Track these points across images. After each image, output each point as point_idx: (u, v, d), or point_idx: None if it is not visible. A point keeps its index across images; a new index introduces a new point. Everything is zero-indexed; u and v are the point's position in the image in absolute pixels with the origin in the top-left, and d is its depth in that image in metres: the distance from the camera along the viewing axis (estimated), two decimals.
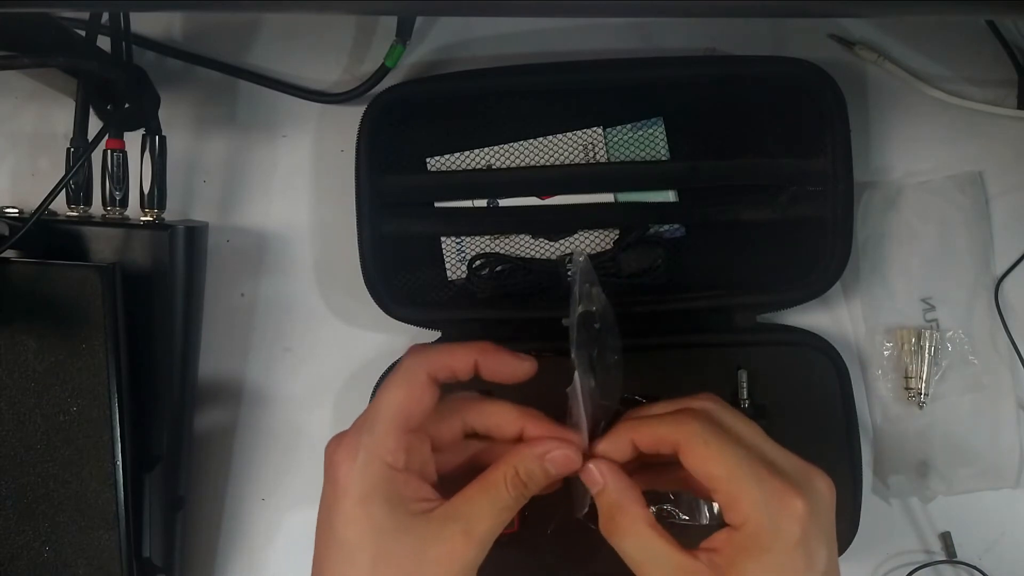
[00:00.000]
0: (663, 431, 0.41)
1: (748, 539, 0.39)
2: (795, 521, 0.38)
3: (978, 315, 0.60)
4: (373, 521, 0.39)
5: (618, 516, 0.41)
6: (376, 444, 0.40)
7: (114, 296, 0.52)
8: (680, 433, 0.41)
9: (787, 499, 0.39)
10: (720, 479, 0.39)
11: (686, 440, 0.40)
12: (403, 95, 0.58)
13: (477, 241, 0.59)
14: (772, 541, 0.38)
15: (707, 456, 0.40)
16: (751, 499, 0.39)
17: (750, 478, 0.39)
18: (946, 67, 0.61)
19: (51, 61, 0.50)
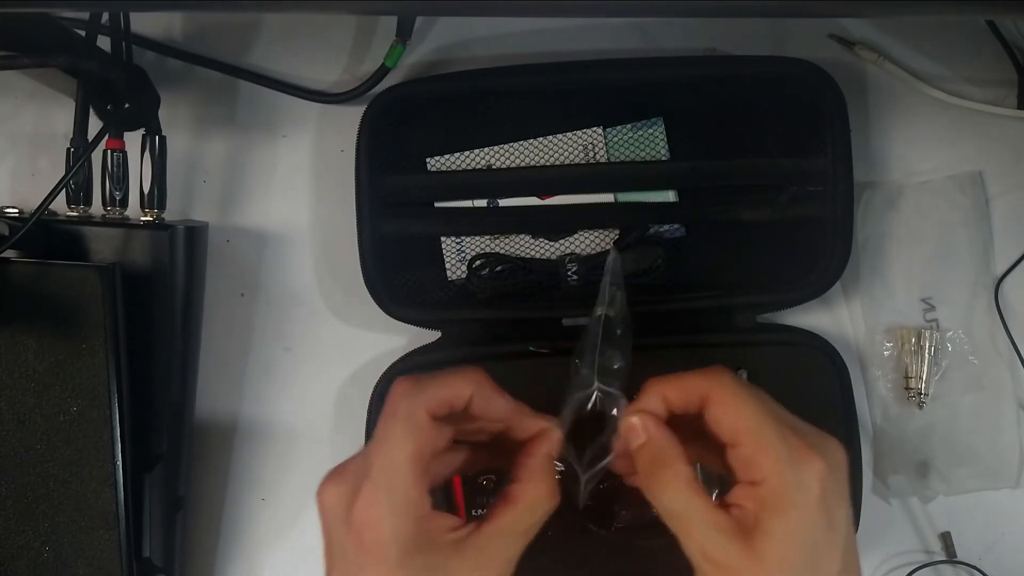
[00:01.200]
0: (694, 382, 0.42)
1: (772, 495, 0.39)
2: (816, 479, 0.39)
3: (978, 315, 0.60)
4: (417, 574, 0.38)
5: (660, 471, 0.41)
6: (404, 501, 0.38)
7: (114, 296, 0.52)
8: (711, 383, 0.41)
9: (809, 457, 0.39)
10: (746, 432, 0.40)
11: (717, 390, 0.41)
12: (403, 95, 0.58)
13: (477, 241, 0.59)
14: (796, 497, 0.38)
15: (736, 407, 0.40)
16: (775, 455, 0.39)
17: (775, 434, 0.39)
18: (946, 67, 0.61)
19: (51, 61, 0.50)
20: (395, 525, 0.38)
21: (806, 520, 0.39)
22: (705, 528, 0.39)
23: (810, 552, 0.39)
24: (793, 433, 0.40)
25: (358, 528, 0.38)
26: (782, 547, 0.38)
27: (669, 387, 0.43)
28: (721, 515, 0.40)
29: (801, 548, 0.38)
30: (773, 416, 0.40)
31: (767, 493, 0.39)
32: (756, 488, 0.39)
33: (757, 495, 0.39)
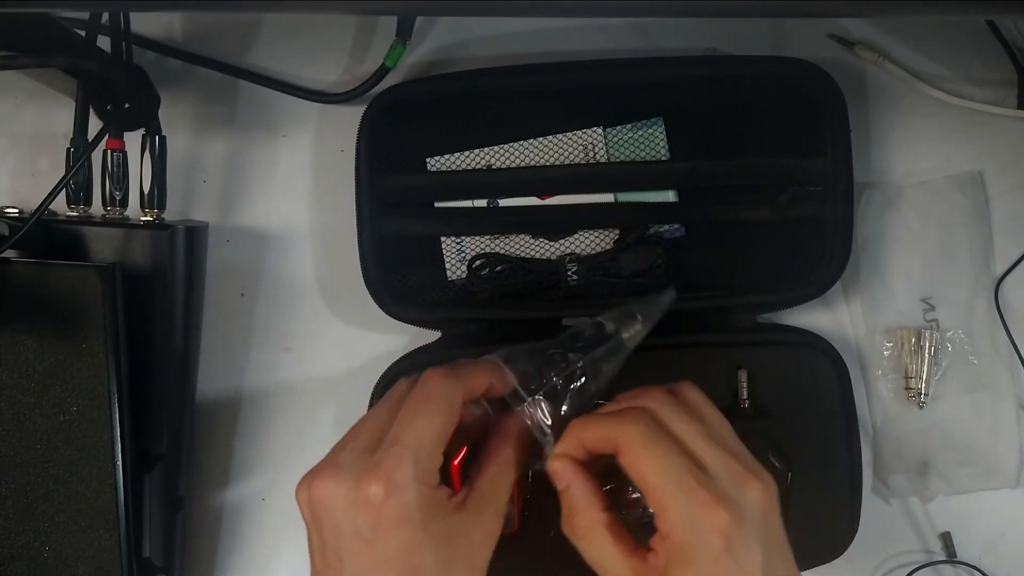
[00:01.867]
0: (605, 431, 0.42)
1: (675, 549, 0.40)
2: (717, 533, 0.39)
3: (978, 315, 0.60)
4: (432, 539, 0.40)
5: (576, 518, 0.43)
6: (428, 470, 0.41)
7: (114, 296, 0.52)
8: (620, 434, 0.42)
9: (710, 511, 0.39)
10: (650, 486, 0.41)
11: (624, 442, 0.41)
12: (403, 95, 0.58)
13: (477, 241, 0.59)
14: (696, 554, 0.39)
15: (640, 459, 0.41)
16: (676, 510, 0.40)
17: (677, 488, 0.40)
18: (946, 67, 0.61)
19: (51, 61, 0.50)
20: (419, 491, 0.40)
21: (707, 571, 0.39)
22: (618, 572, 0.41)
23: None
24: (700, 485, 0.40)
25: (376, 501, 0.40)
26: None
27: (586, 432, 0.43)
28: (635, 560, 0.41)
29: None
30: (679, 468, 0.41)
31: (671, 546, 0.40)
32: (664, 541, 0.40)
33: (666, 546, 0.40)
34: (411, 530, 0.40)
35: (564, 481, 0.44)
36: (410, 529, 0.40)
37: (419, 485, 0.40)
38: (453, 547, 0.41)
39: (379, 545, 0.40)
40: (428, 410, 0.42)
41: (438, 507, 0.41)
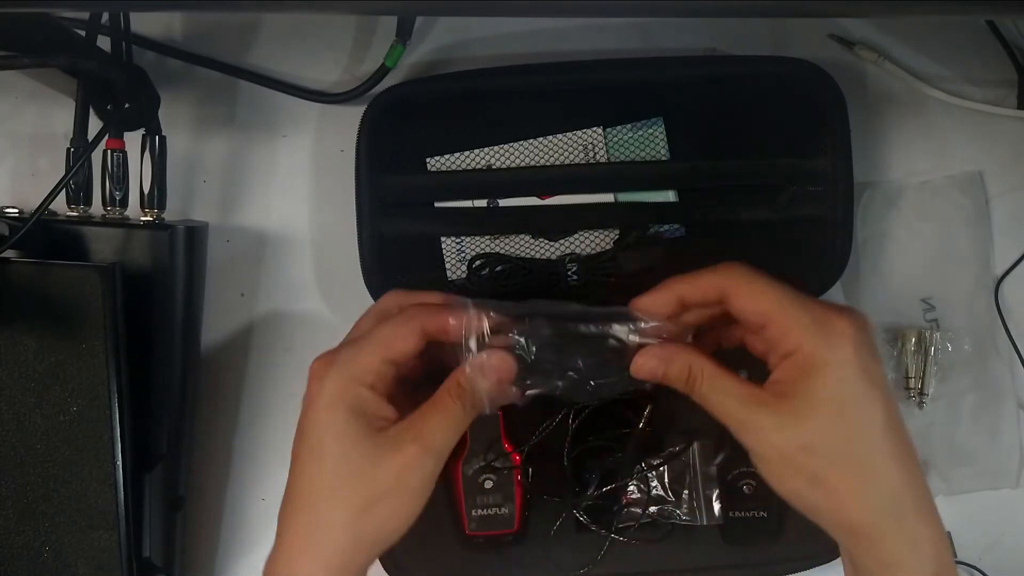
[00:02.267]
0: (710, 279, 0.44)
1: (805, 360, 0.40)
2: (845, 338, 0.40)
3: (978, 315, 0.60)
4: (337, 427, 0.42)
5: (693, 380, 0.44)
6: (351, 362, 0.43)
7: (114, 296, 0.51)
8: (728, 277, 0.43)
9: (833, 319, 0.41)
10: (769, 311, 0.42)
11: (734, 282, 0.43)
12: (403, 95, 0.58)
13: (477, 241, 0.59)
14: (828, 355, 0.40)
15: (756, 293, 0.42)
16: (801, 324, 0.41)
17: (797, 306, 0.41)
18: (946, 67, 0.61)
19: (51, 61, 0.50)
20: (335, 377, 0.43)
21: (842, 375, 0.40)
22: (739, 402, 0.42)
23: (849, 406, 0.40)
24: (816, 303, 0.42)
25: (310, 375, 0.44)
26: (818, 404, 0.40)
27: (686, 284, 0.44)
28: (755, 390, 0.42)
29: (838, 403, 0.40)
30: (793, 294, 0.42)
31: (800, 360, 0.41)
32: (789, 360, 0.41)
33: (791, 365, 0.41)
34: (318, 410, 0.43)
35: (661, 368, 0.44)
36: (317, 408, 0.43)
37: (342, 370, 0.43)
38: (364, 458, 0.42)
39: (304, 424, 0.44)
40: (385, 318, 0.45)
41: (361, 409, 0.43)
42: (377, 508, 0.42)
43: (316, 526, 0.43)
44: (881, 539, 0.40)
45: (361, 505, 0.42)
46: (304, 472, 0.43)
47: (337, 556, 0.42)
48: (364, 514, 0.42)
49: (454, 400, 0.44)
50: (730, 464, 0.58)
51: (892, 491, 0.40)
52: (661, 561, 0.58)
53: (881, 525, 0.40)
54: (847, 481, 0.40)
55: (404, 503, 0.43)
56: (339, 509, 0.42)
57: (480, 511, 0.57)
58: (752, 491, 0.58)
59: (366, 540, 0.43)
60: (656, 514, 0.57)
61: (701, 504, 0.57)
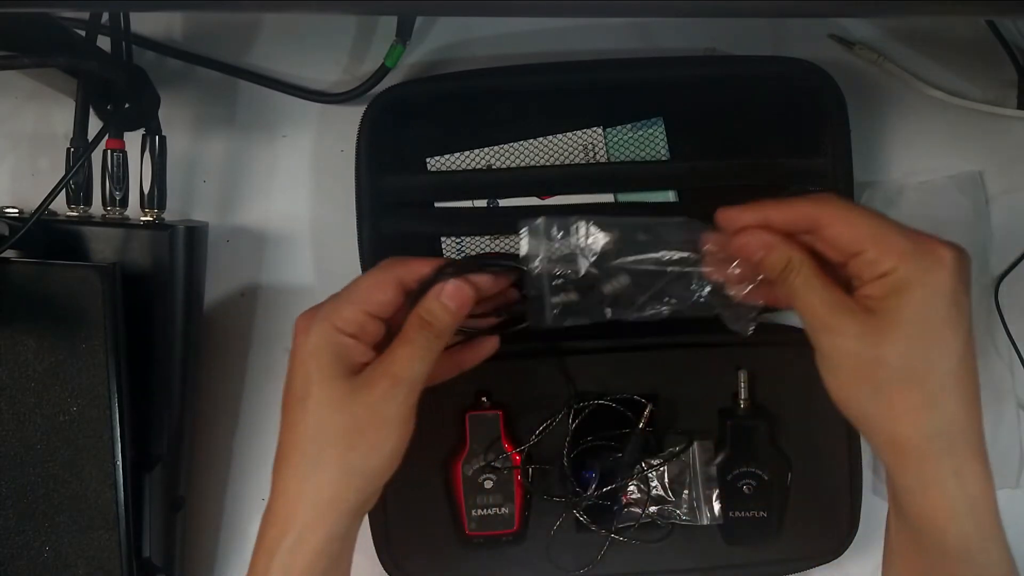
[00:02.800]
0: (803, 209, 0.43)
1: (899, 280, 0.40)
2: (943, 266, 0.40)
3: (978, 315, 0.60)
4: (321, 372, 0.45)
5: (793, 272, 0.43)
6: (332, 313, 0.46)
7: (114, 296, 0.51)
8: (821, 207, 0.43)
9: (934, 247, 0.41)
10: (868, 238, 0.41)
11: (829, 211, 0.42)
12: (403, 95, 0.58)
13: (477, 241, 0.59)
14: (923, 277, 0.40)
15: (853, 221, 0.42)
16: (900, 247, 0.41)
17: (897, 233, 0.41)
18: (946, 67, 0.61)
19: (51, 61, 0.50)
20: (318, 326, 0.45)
21: (930, 300, 0.40)
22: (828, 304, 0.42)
23: (931, 330, 0.40)
24: (914, 231, 0.42)
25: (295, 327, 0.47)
26: (902, 321, 0.40)
27: (776, 209, 0.44)
28: (845, 295, 0.42)
29: (921, 324, 0.40)
30: (891, 221, 0.42)
31: (895, 279, 0.41)
32: (883, 279, 0.41)
33: (883, 284, 0.41)
34: (302, 357, 0.45)
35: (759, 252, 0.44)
36: (301, 355, 0.45)
37: (324, 320, 0.45)
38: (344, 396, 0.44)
39: (291, 374, 0.46)
40: (361, 276, 0.47)
41: (342, 355, 0.45)
42: (360, 441, 0.45)
43: (306, 466, 0.45)
44: (926, 460, 0.41)
45: (345, 441, 0.44)
46: (292, 420, 0.46)
47: (328, 490, 0.45)
48: (349, 449, 0.44)
49: (417, 332, 0.45)
50: (730, 464, 0.58)
51: (949, 418, 0.41)
52: (661, 561, 0.58)
53: (930, 447, 0.41)
54: (908, 399, 0.41)
55: (384, 434, 0.45)
56: (326, 446, 0.45)
57: (480, 511, 0.57)
58: (752, 491, 0.58)
59: (355, 474, 0.45)
60: (656, 514, 0.57)
61: (701, 504, 0.57)
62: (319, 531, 0.44)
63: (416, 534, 0.58)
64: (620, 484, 0.56)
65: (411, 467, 0.58)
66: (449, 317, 0.46)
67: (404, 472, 0.58)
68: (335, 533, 0.45)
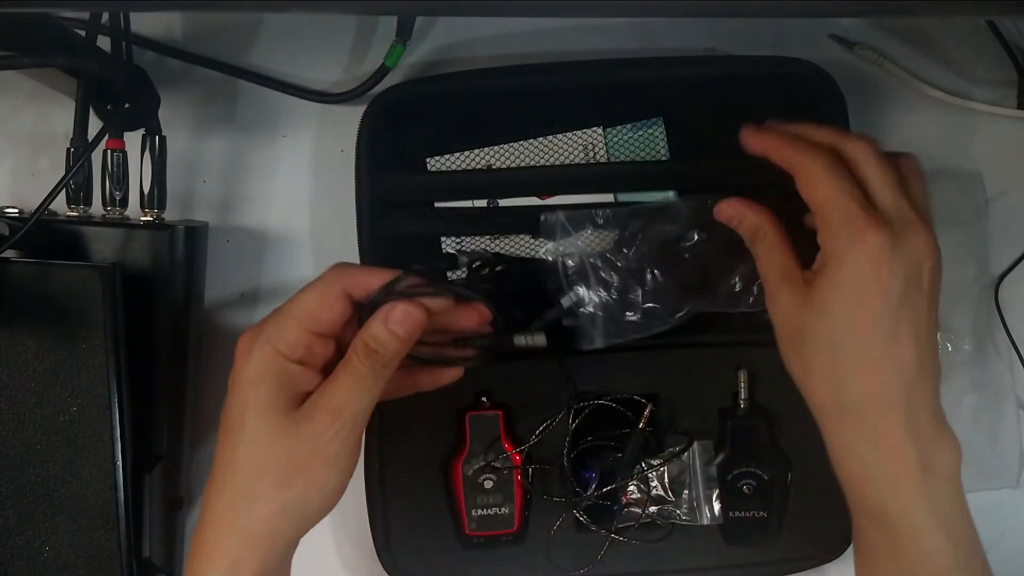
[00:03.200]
0: (790, 153, 0.46)
1: (827, 258, 0.44)
2: (866, 253, 0.43)
3: (978, 315, 0.60)
4: (258, 404, 0.43)
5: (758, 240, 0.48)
6: (275, 335, 0.43)
7: (114, 296, 0.51)
8: (802, 161, 0.45)
9: (863, 232, 0.43)
10: (818, 205, 0.45)
11: (804, 170, 0.45)
12: (403, 95, 0.58)
13: (477, 241, 0.59)
14: (842, 264, 0.43)
15: (815, 186, 0.45)
16: (836, 223, 0.44)
17: (840, 209, 0.44)
18: (946, 67, 0.61)
19: (51, 61, 0.50)
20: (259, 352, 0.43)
21: (851, 283, 0.43)
22: (778, 274, 0.46)
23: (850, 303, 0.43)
24: (863, 209, 0.44)
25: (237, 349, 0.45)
26: (820, 296, 0.44)
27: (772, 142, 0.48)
28: (795, 267, 0.46)
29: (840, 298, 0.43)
30: (845, 195, 0.44)
31: (824, 254, 0.44)
32: (820, 253, 0.45)
33: (820, 258, 0.45)
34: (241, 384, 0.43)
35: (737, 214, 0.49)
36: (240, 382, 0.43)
37: (266, 345, 0.43)
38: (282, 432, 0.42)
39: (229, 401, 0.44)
40: (305, 287, 0.44)
41: (284, 382, 0.43)
42: (297, 479, 0.42)
43: (239, 499, 0.43)
44: (841, 425, 0.45)
45: (282, 477, 0.42)
46: (228, 448, 0.43)
47: (261, 526, 0.42)
48: (285, 486, 0.42)
49: (361, 361, 0.43)
50: (730, 464, 0.58)
51: (863, 389, 0.44)
52: (661, 561, 0.58)
53: (841, 414, 0.45)
54: (822, 367, 0.45)
55: (324, 472, 0.43)
56: (261, 481, 0.42)
57: (480, 511, 0.57)
58: (752, 491, 0.58)
59: (292, 511, 0.43)
60: (656, 514, 0.57)
61: (701, 504, 0.57)
62: (250, 566, 0.42)
63: (416, 534, 0.58)
64: (620, 484, 0.56)
65: (411, 467, 0.58)
66: (397, 344, 0.43)
67: (404, 472, 0.58)
68: (267, 568, 0.43)
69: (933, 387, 0.45)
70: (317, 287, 0.44)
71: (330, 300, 0.43)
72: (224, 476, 0.43)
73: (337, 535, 0.62)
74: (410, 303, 0.43)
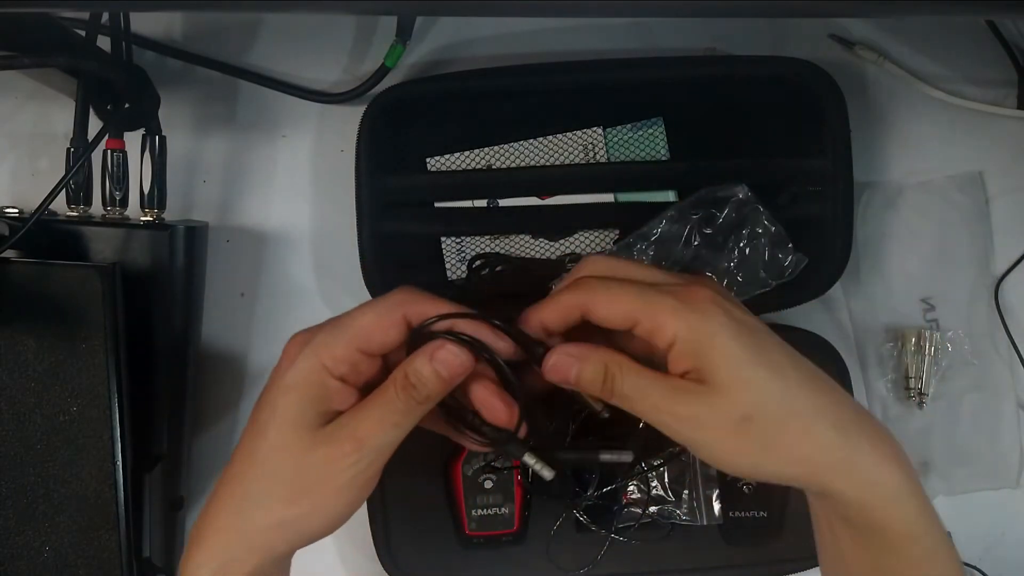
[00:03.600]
0: (567, 300, 0.42)
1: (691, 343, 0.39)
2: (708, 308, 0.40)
3: (978, 315, 0.60)
4: (287, 414, 0.41)
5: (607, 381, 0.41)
6: (323, 347, 0.41)
7: (114, 296, 0.51)
8: (581, 293, 0.41)
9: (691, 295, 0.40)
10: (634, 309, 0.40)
11: (590, 295, 0.41)
12: (403, 95, 0.58)
13: (477, 241, 0.59)
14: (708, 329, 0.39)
15: (613, 296, 0.41)
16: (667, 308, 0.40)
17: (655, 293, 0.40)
18: (946, 67, 0.61)
19: (51, 61, 0.50)
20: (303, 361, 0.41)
21: (729, 343, 0.39)
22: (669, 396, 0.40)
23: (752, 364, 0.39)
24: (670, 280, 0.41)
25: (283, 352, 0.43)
26: (729, 376, 0.39)
27: (545, 312, 0.42)
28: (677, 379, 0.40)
29: (743, 366, 0.39)
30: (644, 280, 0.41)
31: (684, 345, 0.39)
32: (676, 348, 0.40)
33: (683, 352, 0.40)
34: (275, 391, 0.42)
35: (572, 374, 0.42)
36: (275, 389, 0.42)
37: (312, 355, 0.41)
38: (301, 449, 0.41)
39: (261, 400, 0.42)
40: (367, 305, 0.42)
41: (320, 397, 0.41)
42: (303, 500, 0.41)
43: (245, 502, 0.42)
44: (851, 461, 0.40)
45: (288, 495, 0.41)
46: (247, 449, 0.43)
47: (259, 536, 0.42)
48: (290, 504, 0.41)
49: (397, 393, 0.41)
50: None
51: (835, 418, 0.40)
52: (661, 561, 0.58)
53: (841, 453, 0.40)
54: (793, 430, 0.39)
55: (330, 500, 0.42)
56: (268, 493, 0.42)
57: (480, 511, 0.57)
58: (752, 491, 0.58)
59: (289, 530, 0.42)
60: (656, 514, 0.57)
61: (701, 504, 0.57)
62: (245, 567, 0.42)
63: (416, 534, 0.58)
64: (620, 484, 0.56)
65: (411, 467, 0.58)
66: (437, 385, 0.41)
67: (404, 472, 0.58)
68: (262, 572, 0.43)
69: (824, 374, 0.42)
70: (378, 308, 0.42)
71: (387, 324, 0.42)
72: (238, 474, 0.43)
73: (337, 535, 0.61)
74: (460, 346, 0.41)
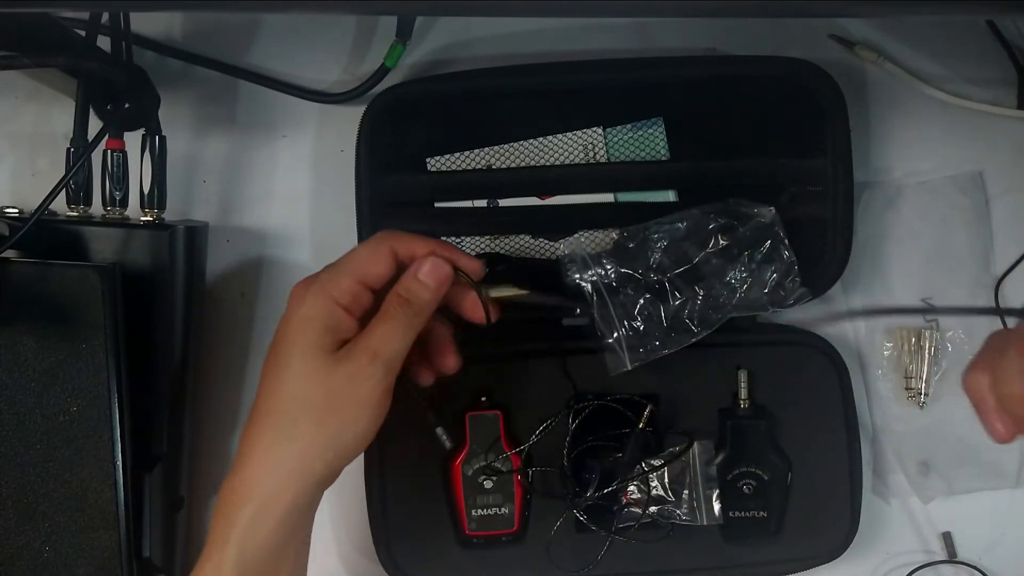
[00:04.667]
0: None
1: None
2: None
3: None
4: (306, 342, 0.46)
5: None
6: (329, 283, 0.47)
7: (114, 296, 0.51)
8: None
9: None
10: None
11: None
12: (403, 95, 0.58)
13: (477, 241, 0.59)
14: None
15: None
16: None
17: None
18: (946, 67, 0.61)
19: (51, 61, 0.50)
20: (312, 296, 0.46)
21: None
22: None
23: None
24: None
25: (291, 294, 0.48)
26: None
27: None
28: None
29: None
30: None
31: None
32: None
33: None
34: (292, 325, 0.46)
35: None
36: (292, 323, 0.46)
37: (319, 290, 0.46)
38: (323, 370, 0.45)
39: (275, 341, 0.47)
40: (357, 246, 0.49)
41: (332, 326, 0.46)
42: (333, 416, 0.45)
43: (276, 435, 0.45)
44: None
45: (319, 413, 0.45)
46: (269, 387, 0.46)
47: (295, 461, 0.45)
48: (321, 422, 0.45)
49: (396, 308, 0.47)
50: (730, 464, 0.58)
51: None
52: (661, 561, 0.58)
53: None
54: None
55: (357, 412, 0.45)
56: (299, 418, 0.45)
57: (480, 511, 0.57)
58: (752, 491, 0.58)
59: (325, 447, 0.45)
60: (656, 514, 0.57)
61: (701, 504, 0.57)
62: (282, 502, 0.45)
63: (416, 534, 0.58)
64: (620, 484, 0.56)
65: (411, 467, 0.58)
66: (427, 294, 0.47)
67: (404, 472, 0.58)
68: (298, 504, 0.45)
69: None
70: (368, 244, 0.48)
71: (379, 256, 0.47)
72: (264, 413, 0.46)
73: (337, 535, 0.62)
74: (438, 258, 0.48)
